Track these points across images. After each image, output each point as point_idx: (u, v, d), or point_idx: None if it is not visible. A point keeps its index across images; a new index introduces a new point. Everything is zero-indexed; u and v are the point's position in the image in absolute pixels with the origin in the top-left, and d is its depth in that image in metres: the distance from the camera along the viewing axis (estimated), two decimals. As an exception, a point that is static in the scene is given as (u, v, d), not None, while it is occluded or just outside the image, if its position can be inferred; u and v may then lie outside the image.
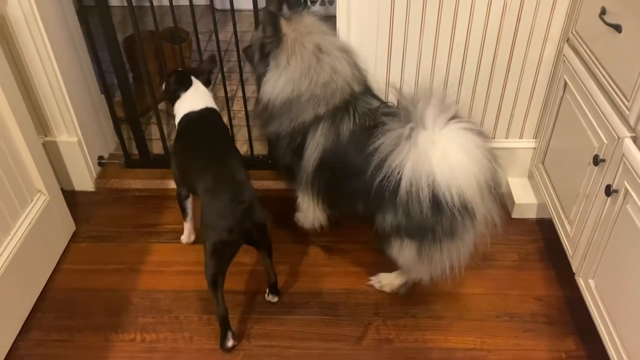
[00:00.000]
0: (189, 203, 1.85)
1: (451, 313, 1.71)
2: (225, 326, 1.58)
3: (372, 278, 1.78)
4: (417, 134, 1.38)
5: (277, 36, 1.51)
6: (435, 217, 1.41)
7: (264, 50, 1.56)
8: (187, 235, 1.94)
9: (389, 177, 1.39)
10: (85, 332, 1.68)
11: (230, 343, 1.58)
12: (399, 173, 1.38)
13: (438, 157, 1.36)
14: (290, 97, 1.55)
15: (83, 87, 2.08)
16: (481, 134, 1.44)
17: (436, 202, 1.38)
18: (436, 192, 1.36)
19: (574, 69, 1.62)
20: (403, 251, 1.53)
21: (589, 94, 1.51)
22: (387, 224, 1.50)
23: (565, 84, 1.69)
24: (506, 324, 1.68)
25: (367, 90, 1.62)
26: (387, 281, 1.76)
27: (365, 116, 1.54)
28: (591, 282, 1.50)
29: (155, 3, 1.93)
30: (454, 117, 1.41)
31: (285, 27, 1.53)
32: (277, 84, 1.55)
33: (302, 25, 1.55)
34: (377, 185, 1.43)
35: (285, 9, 1.59)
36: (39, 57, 1.84)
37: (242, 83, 2.06)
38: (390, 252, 1.57)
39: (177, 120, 1.77)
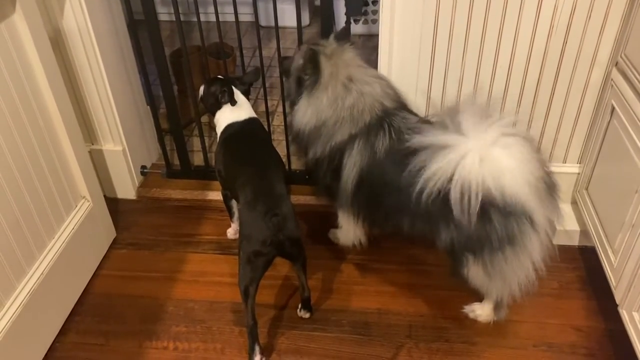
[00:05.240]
0: (234, 203, 1.87)
1: (486, 339, 1.67)
2: (253, 338, 1.58)
3: (465, 307, 1.73)
4: (459, 141, 1.36)
5: (315, 75, 1.56)
6: (487, 224, 1.37)
7: (300, 82, 1.60)
8: (233, 232, 2.01)
9: (433, 188, 1.37)
10: (120, 338, 1.71)
11: (257, 358, 1.58)
12: (442, 182, 1.35)
13: (483, 160, 1.32)
14: (317, 124, 1.59)
15: (130, 98, 2.14)
16: (527, 136, 1.40)
17: (484, 207, 1.34)
18: (483, 196, 1.33)
19: (622, 94, 1.57)
20: (471, 270, 1.49)
21: (638, 120, 1.47)
22: (443, 241, 1.48)
23: (613, 109, 1.64)
24: (544, 353, 1.63)
25: (402, 106, 1.62)
26: (480, 311, 1.70)
27: (401, 131, 1.53)
28: (635, 315, 1.44)
29: (202, 19, 1.98)
30: (497, 122, 1.38)
31: (324, 63, 1.57)
32: (306, 114, 1.60)
33: (341, 60, 1.59)
34: (422, 199, 1.41)
35: (332, 40, 1.62)
36: (89, 68, 1.91)
37: (283, 99, 2.08)
38: (461, 276, 1.53)
39: (220, 129, 1.80)
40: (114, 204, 2.15)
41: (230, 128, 1.78)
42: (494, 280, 1.49)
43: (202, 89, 1.86)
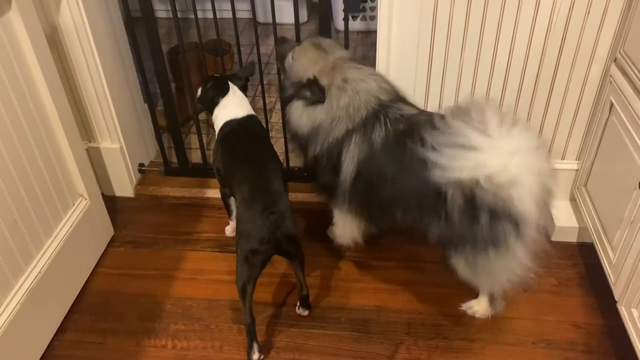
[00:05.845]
0: (232, 200, 1.87)
1: (484, 336, 1.67)
2: (251, 336, 1.58)
3: (463, 305, 1.73)
4: (479, 141, 1.31)
5: (321, 97, 1.58)
6: (474, 223, 1.36)
7: (300, 95, 1.61)
8: (231, 230, 2.00)
9: (432, 182, 1.35)
10: (118, 336, 1.71)
11: (255, 356, 1.58)
12: (445, 178, 1.33)
13: (498, 164, 1.28)
14: (313, 127, 1.60)
15: (127, 96, 2.13)
16: (541, 141, 1.38)
17: (475, 206, 1.33)
18: (479, 198, 1.32)
19: (621, 90, 1.57)
20: (457, 263, 1.49)
21: (637, 116, 1.47)
22: (434, 233, 1.48)
23: (612, 105, 1.64)
24: (542, 350, 1.63)
25: (399, 99, 1.61)
26: (477, 307, 1.70)
27: (397, 121, 1.52)
28: (634, 312, 1.44)
29: (199, 16, 1.97)
30: (515, 124, 1.34)
31: (324, 80, 1.57)
32: (302, 118, 1.62)
33: (339, 69, 1.59)
34: (416, 190, 1.41)
35: (335, 44, 1.65)
36: (86, 65, 1.90)
37: (281, 96, 2.08)
38: (451, 266, 1.52)
39: (218, 127, 1.79)
40: (111, 202, 2.14)
41: (228, 125, 1.77)
42: (478, 276, 1.50)
43: (199, 90, 1.86)
